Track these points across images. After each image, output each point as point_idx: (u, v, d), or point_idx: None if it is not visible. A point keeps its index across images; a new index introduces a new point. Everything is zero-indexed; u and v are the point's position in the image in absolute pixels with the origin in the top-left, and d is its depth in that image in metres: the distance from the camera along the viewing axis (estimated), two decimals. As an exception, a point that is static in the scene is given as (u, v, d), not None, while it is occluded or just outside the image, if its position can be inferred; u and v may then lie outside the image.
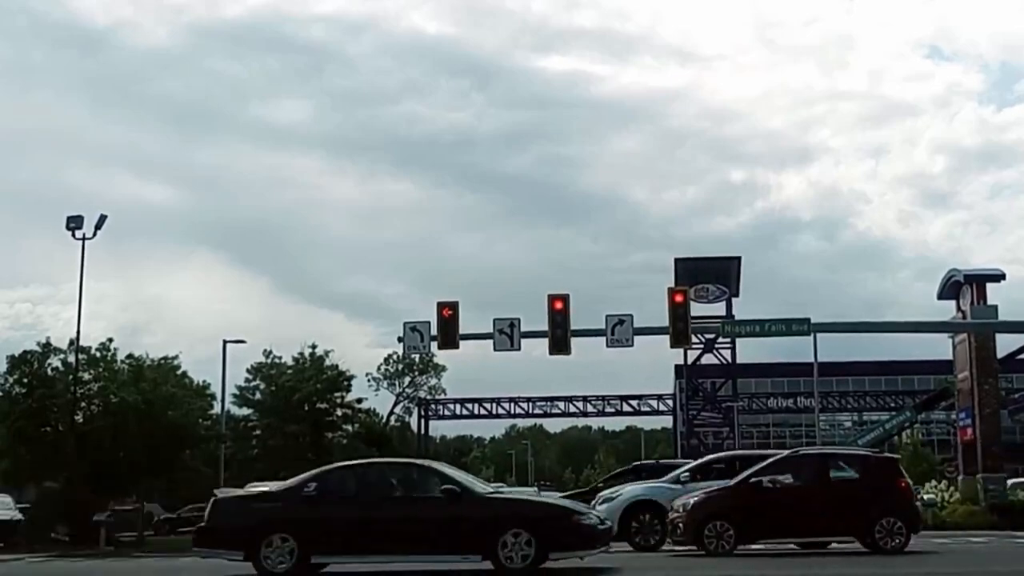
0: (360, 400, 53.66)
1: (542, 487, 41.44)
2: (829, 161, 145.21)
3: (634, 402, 72.15)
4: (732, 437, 60.55)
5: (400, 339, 31.09)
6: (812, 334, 32.08)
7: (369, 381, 69.48)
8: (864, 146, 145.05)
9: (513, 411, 74.11)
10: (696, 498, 17.76)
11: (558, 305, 29.70)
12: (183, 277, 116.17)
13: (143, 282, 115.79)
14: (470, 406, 72.47)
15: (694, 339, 41.59)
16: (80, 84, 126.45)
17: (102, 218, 34.81)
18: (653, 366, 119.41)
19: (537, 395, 72.96)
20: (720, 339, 54.92)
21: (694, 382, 62.69)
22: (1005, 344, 37.94)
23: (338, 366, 50.84)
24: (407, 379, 73.97)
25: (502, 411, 73.32)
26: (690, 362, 60.16)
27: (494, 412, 73.26)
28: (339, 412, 51.65)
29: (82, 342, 35.04)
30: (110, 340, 37.27)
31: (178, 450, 36.05)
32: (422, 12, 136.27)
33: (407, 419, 74.80)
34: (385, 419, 70.82)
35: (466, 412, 73.04)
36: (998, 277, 37.51)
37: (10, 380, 35.36)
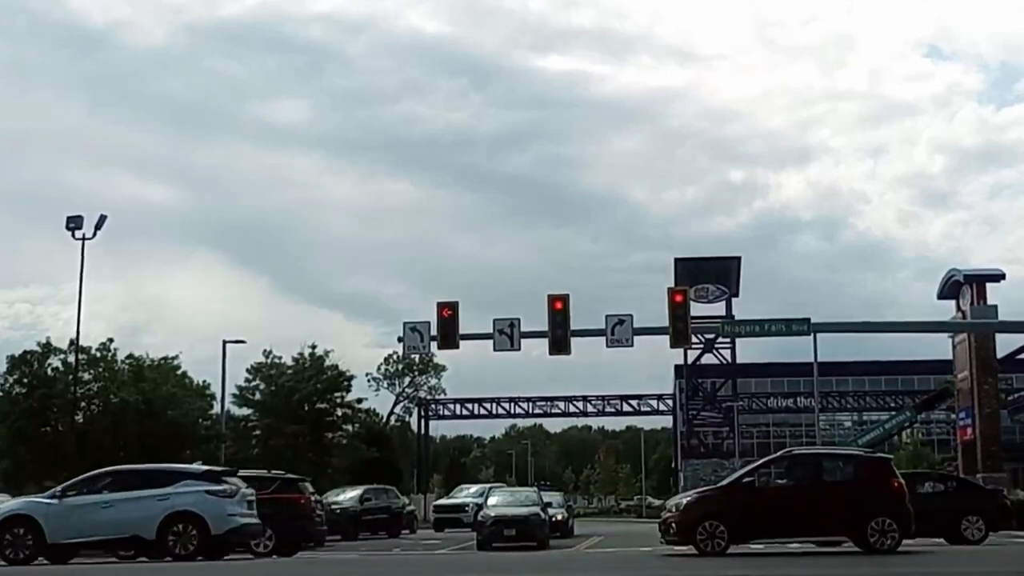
0: (360, 400, 53.98)
1: (542, 487, 41.53)
2: (829, 161, 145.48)
3: (634, 402, 72.08)
4: (732, 437, 60.63)
5: (400, 339, 31.19)
6: (812, 334, 32.16)
7: (369, 381, 69.86)
8: (864, 146, 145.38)
9: (513, 411, 74.10)
10: (689, 498, 17.76)
11: (558, 305, 29.78)
12: (183, 277, 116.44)
13: (143, 282, 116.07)
14: (470, 406, 72.44)
15: (694, 339, 41.70)
16: (79, 84, 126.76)
17: (102, 218, 34.93)
18: (653, 366, 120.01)
19: (537, 395, 73.04)
20: (720, 339, 55.05)
21: (694, 382, 62.74)
22: (1005, 344, 38.06)
23: (338, 366, 51.04)
24: (407, 379, 74.22)
25: (502, 411, 73.31)
26: (690, 362, 60.28)
27: (494, 412, 73.23)
28: (339, 412, 51.78)
29: (82, 342, 35.28)
30: (110, 340, 37.57)
31: (178, 450, 36.08)
32: (421, 12, 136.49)
33: (407, 419, 75.13)
34: (385, 419, 70.98)
35: (466, 412, 73.00)
36: (998, 277, 37.57)
37: (10, 380, 35.54)
